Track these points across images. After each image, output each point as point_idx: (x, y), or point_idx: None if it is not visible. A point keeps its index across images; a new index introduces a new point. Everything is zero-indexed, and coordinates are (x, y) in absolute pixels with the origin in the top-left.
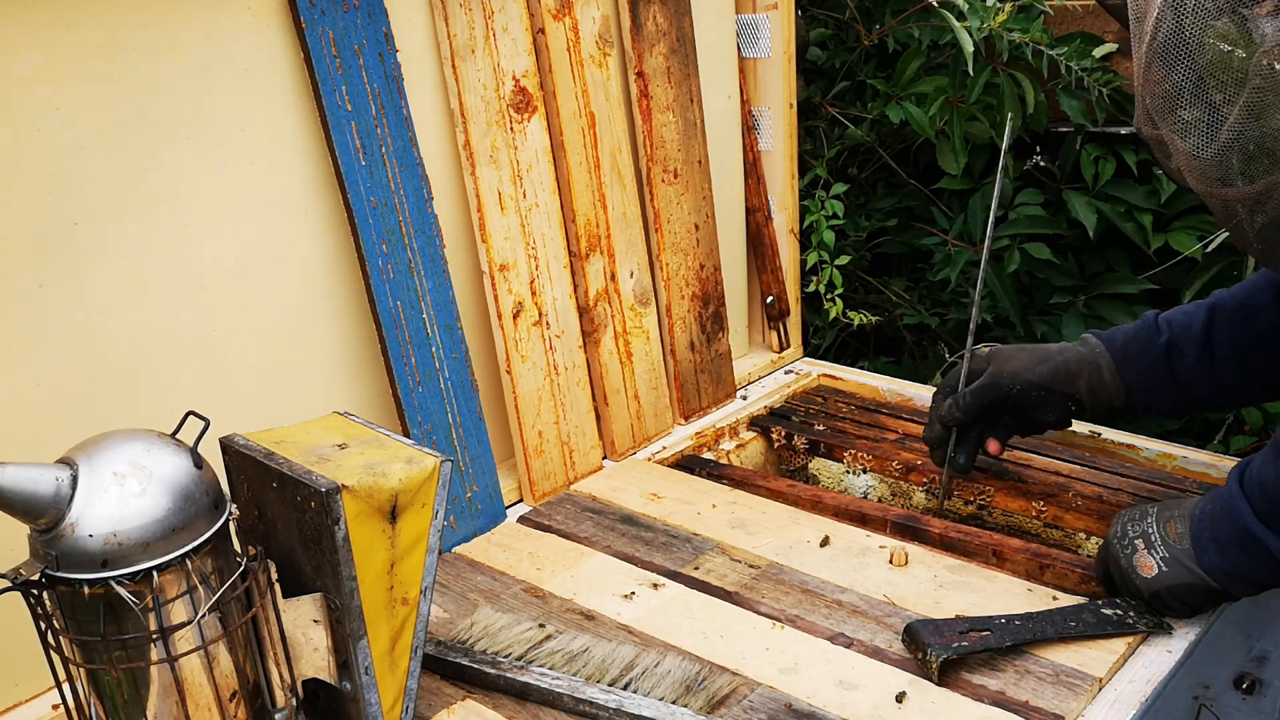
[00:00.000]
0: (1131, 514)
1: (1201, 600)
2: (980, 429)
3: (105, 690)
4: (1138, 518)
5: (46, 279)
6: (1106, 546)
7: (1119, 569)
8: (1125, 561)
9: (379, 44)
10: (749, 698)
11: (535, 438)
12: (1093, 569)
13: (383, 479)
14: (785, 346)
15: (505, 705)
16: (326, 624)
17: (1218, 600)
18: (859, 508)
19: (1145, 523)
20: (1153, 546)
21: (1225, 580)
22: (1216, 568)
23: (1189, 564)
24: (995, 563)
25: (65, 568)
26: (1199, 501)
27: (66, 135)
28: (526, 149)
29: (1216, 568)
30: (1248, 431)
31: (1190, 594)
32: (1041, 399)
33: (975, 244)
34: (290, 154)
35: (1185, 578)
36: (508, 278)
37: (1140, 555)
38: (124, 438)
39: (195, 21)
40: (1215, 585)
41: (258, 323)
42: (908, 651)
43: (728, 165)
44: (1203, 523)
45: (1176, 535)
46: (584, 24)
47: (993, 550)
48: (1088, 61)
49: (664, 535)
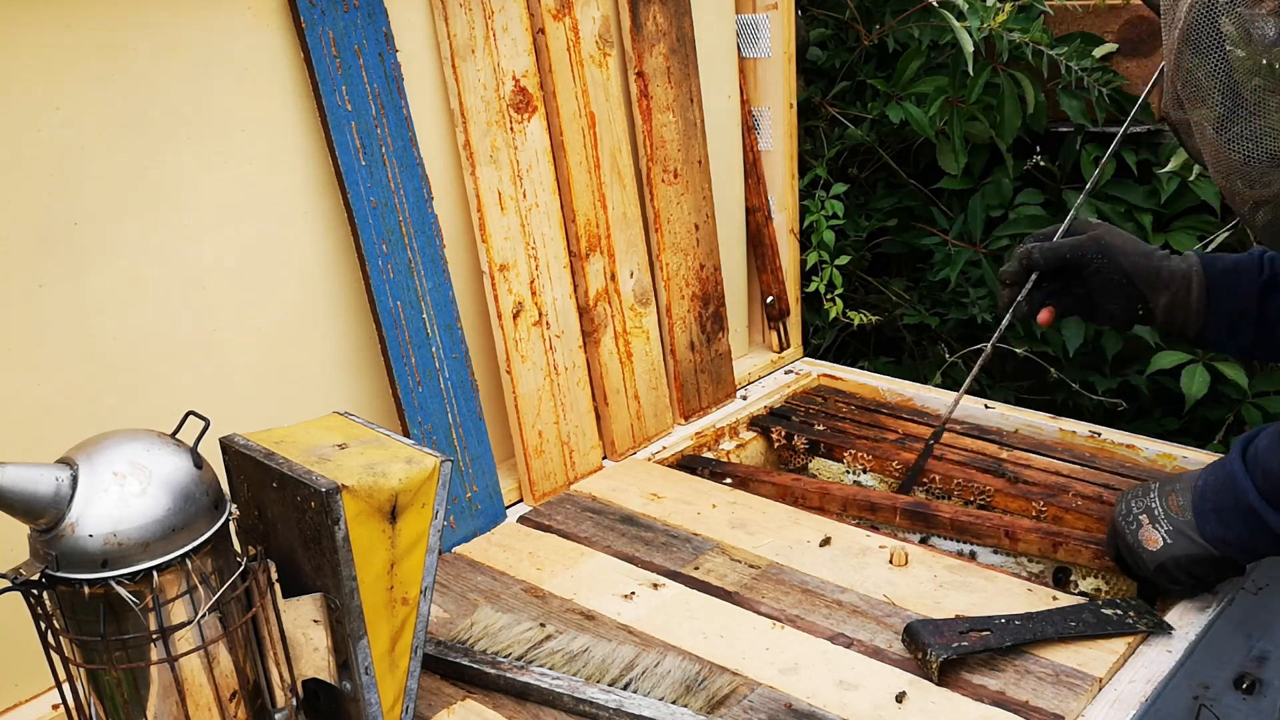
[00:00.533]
0: (1135, 491)
1: (1205, 571)
2: (1050, 289)
3: (105, 690)
4: (1141, 494)
5: (46, 279)
6: (1112, 524)
7: (1125, 545)
8: (1131, 537)
9: (379, 44)
10: (749, 698)
11: (535, 438)
12: (1104, 545)
13: (383, 479)
14: (785, 346)
15: (505, 705)
16: (326, 624)
17: (1220, 571)
18: (867, 497)
19: (1148, 498)
20: (1156, 520)
21: (1226, 549)
22: (1218, 537)
23: (1192, 534)
24: (1008, 543)
25: (65, 568)
26: (1200, 474)
27: (66, 135)
28: (526, 149)
29: (1218, 537)
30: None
31: (1194, 564)
32: (1119, 287)
33: (975, 244)
34: (290, 154)
35: (1189, 548)
36: (508, 278)
37: (1145, 530)
38: (124, 438)
39: (195, 21)
40: (1216, 554)
41: (258, 323)
42: (908, 651)
43: (728, 165)
44: (1205, 494)
45: (1179, 508)
46: (584, 24)
47: (1005, 531)
48: (1088, 61)
49: (664, 535)
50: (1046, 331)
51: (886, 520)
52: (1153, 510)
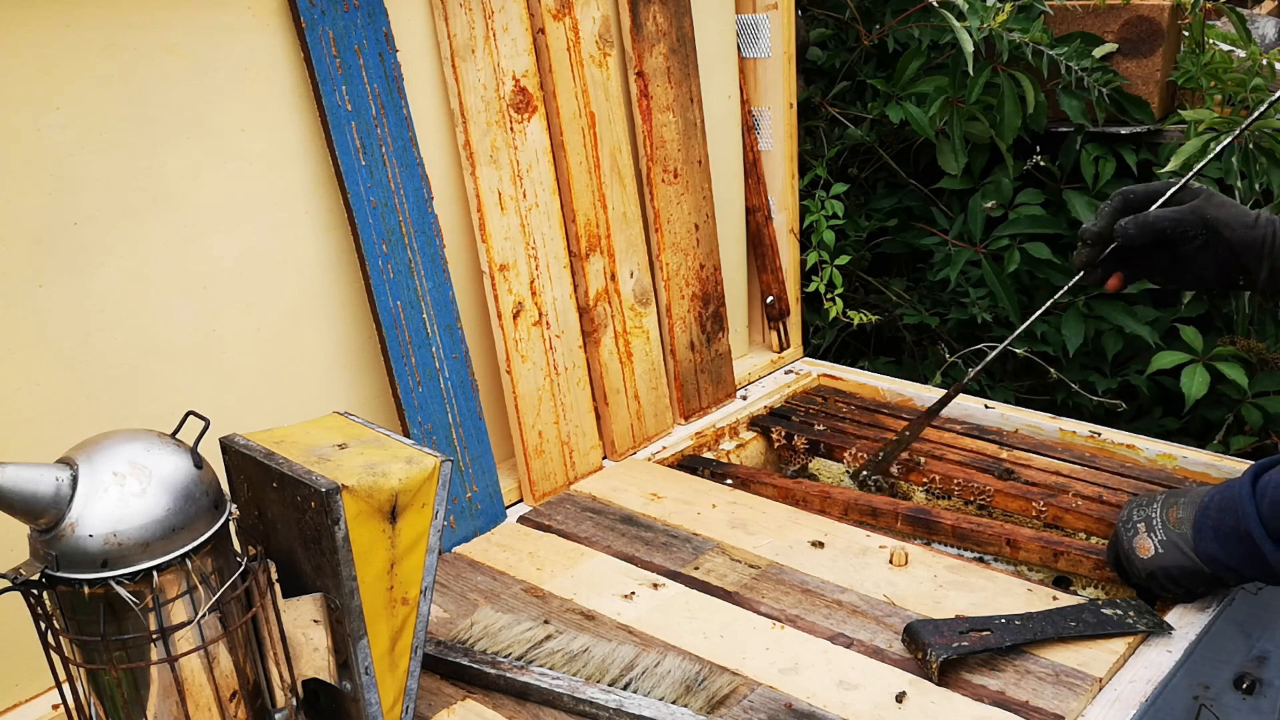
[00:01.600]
0: (1140, 500)
1: (1193, 583)
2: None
3: (105, 690)
4: (1145, 503)
5: (46, 279)
6: (1115, 529)
7: (1122, 550)
8: (1127, 544)
9: (379, 44)
10: (749, 698)
11: (535, 438)
12: (1105, 555)
13: (383, 479)
14: (785, 346)
15: (505, 705)
16: (326, 624)
17: (1209, 585)
18: (869, 501)
19: (1151, 508)
20: (1153, 530)
21: (1215, 567)
22: (1211, 555)
23: (1184, 548)
24: (1009, 551)
25: (65, 568)
26: (1208, 491)
27: (66, 135)
28: (526, 149)
29: (1211, 555)
30: (1248, 431)
31: (1183, 575)
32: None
33: (975, 244)
34: (290, 154)
35: (1179, 560)
36: (508, 278)
37: (1140, 538)
38: (124, 438)
39: (195, 21)
40: (1207, 571)
41: (258, 323)
42: (908, 651)
43: (728, 165)
44: (1208, 512)
45: (1177, 520)
46: (584, 24)
47: (1006, 540)
48: (1088, 61)
49: (664, 535)
50: (1047, 331)
51: (888, 525)
52: (1151, 520)
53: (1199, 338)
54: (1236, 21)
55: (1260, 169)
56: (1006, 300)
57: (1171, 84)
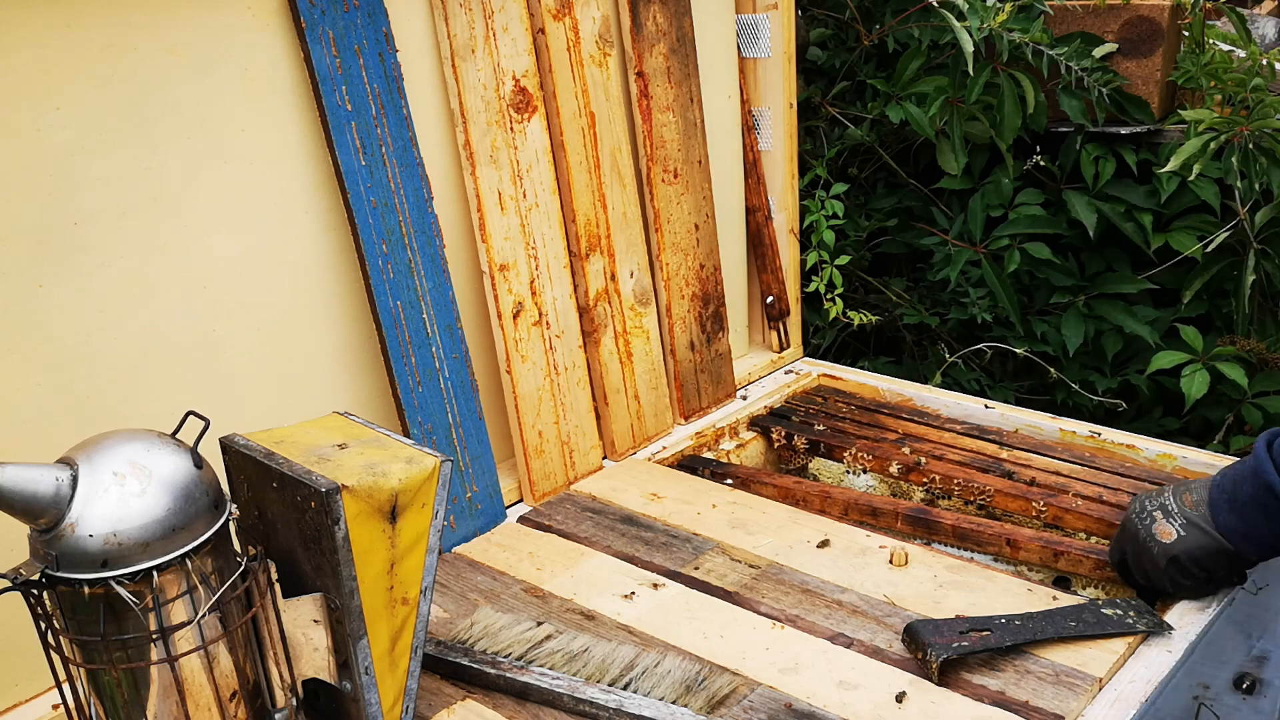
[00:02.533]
0: (1149, 493)
1: (1216, 563)
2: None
3: (105, 690)
4: (1156, 495)
5: (46, 279)
6: (1124, 524)
7: (1137, 542)
8: (1144, 532)
9: (379, 44)
10: (749, 698)
11: (535, 438)
12: (1107, 554)
13: (383, 479)
14: (785, 346)
15: (505, 705)
16: (326, 624)
17: (1232, 564)
18: (869, 501)
19: (1164, 497)
20: (1170, 515)
21: (1239, 541)
22: (1232, 528)
23: (1206, 527)
24: (1009, 551)
25: (65, 568)
26: (1216, 474)
27: (66, 135)
28: (526, 149)
29: (1232, 528)
30: (1248, 431)
31: (1205, 555)
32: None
33: (975, 244)
34: (290, 154)
35: (1201, 540)
36: (508, 278)
37: (1159, 524)
38: (124, 438)
39: (195, 21)
40: (1230, 546)
41: (258, 323)
42: (908, 651)
43: (728, 165)
44: (1221, 488)
45: (1193, 503)
46: (584, 24)
47: (1006, 540)
48: (1088, 61)
49: (664, 535)
50: (1047, 331)
51: (888, 525)
52: (1167, 507)
53: (1199, 338)
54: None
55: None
56: (1006, 300)
57: (1171, 84)
